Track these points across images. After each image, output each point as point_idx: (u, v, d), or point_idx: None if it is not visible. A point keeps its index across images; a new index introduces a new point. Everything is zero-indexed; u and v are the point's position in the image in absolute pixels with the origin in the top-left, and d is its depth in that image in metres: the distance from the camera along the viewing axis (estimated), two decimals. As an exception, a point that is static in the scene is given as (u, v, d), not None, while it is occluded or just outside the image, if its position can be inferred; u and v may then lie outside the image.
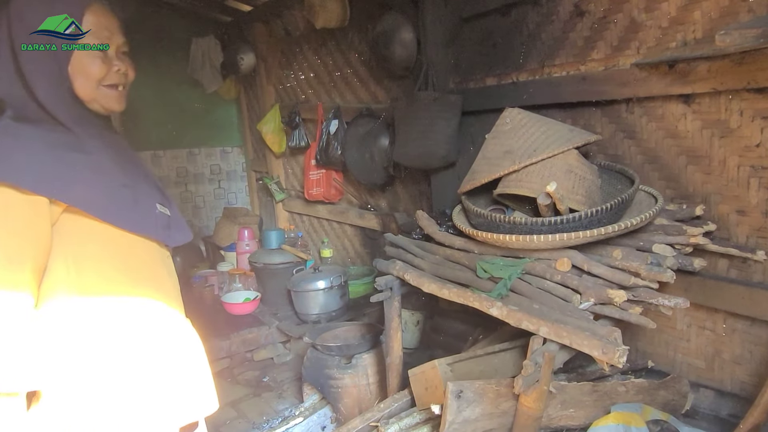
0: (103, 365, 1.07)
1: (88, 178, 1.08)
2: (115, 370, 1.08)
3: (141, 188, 1.19)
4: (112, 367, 1.08)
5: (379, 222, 3.39)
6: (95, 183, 1.09)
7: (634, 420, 1.61)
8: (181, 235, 1.27)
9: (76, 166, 1.06)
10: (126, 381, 1.09)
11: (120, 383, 1.09)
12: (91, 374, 1.06)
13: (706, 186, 1.82)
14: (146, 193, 1.20)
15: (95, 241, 1.09)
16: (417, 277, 1.94)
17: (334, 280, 3.10)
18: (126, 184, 1.15)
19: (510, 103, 2.11)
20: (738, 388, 1.84)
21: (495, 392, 1.60)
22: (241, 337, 3.21)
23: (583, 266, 1.67)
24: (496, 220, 1.75)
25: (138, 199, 1.16)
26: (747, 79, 1.60)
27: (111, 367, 1.08)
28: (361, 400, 2.35)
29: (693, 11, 1.74)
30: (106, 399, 1.07)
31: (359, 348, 2.43)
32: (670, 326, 2.00)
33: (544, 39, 2.21)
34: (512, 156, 1.83)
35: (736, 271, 1.79)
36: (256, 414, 2.74)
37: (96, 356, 1.07)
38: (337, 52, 3.55)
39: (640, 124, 1.96)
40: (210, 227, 4.92)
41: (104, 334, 1.09)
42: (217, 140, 5.02)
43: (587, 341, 1.43)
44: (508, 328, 1.99)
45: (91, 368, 1.06)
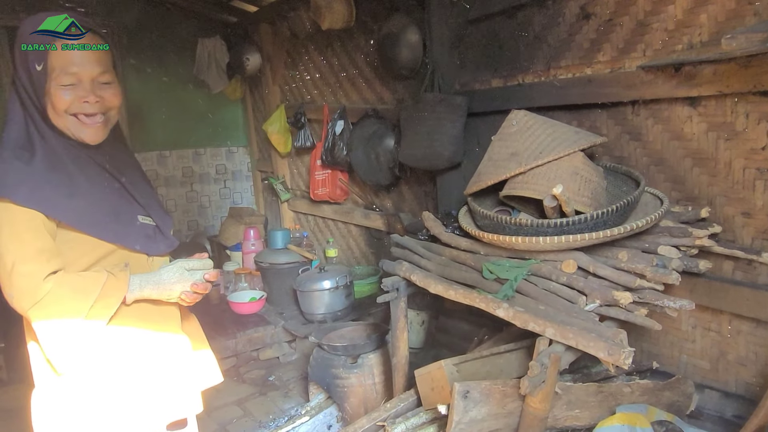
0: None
1: (70, 197, 1.23)
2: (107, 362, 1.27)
3: (121, 203, 1.34)
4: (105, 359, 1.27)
5: (384, 222, 3.40)
6: (76, 201, 1.23)
7: (639, 421, 1.61)
8: (164, 245, 1.40)
9: (59, 187, 1.22)
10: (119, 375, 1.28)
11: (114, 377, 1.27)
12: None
13: (711, 188, 1.82)
14: (127, 208, 1.35)
15: (80, 248, 1.25)
16: (423, 278, 1.95)
17: (339, 280, 3.11)
18: (104, 201, 1.29)
19: (516, 105, 2.13)
20: (743, 390, 1.85)
21: (501, 393, 1.62)
22: (247, 337, 3.23)
23: (589, 268, 1.67)
24: (502, 222, 1.76)
25: (118, 212, 1.32)
26: (753, 83, 1.61)
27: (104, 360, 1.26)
28: (367, 400, 2.37)
29: (699, 14, 1.74)
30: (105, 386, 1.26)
31: (365, 348, 2.45)
32: (675, 328, 2.00)
33: (550, 41, 2.22)
34: (518, 158, 1.84)
35: (742, 273, 1.79)
36: (262, 413, 2.76)
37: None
38: (343, 53, 3.57)
39: (646, 126, 1.96)
40: (215, 227, 4.94)
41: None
42: (222, 140, 5.04)
43: (593, 343, 1.44)
44: (513, 329, 1.99)
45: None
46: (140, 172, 1.51)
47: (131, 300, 1.27)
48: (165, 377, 1.34)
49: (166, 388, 1.34)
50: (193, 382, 1.42)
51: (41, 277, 1.15)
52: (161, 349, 1.36)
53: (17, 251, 1.14)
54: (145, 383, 1.31)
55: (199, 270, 1.32)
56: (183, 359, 1.40)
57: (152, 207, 1.43)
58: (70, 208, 1.23)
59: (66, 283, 1.18)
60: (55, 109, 1.23)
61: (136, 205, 1.38)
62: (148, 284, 1.28)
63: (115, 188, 1.35)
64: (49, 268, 1.16)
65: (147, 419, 1.31)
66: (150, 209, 1.41)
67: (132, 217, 1.35)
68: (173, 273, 1.29)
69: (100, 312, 1.20)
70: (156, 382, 1.33)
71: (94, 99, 1.25)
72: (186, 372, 1.40)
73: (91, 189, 1.28)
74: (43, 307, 1.16)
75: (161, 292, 1.29)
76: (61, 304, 1.17)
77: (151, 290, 1.28)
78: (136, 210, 1.37)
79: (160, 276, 1.29)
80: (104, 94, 1.27)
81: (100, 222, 1.27)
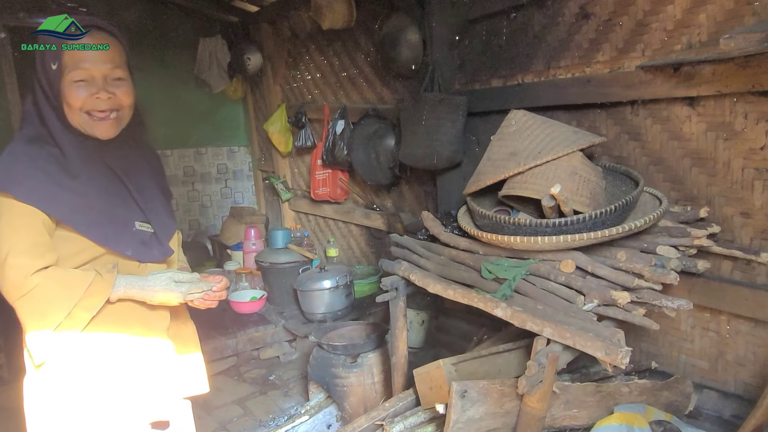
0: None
1: (69, 196, 1.26)
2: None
3: (121, 207, 1.35)
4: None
5: (384, 222, 3.41)
6: (74, 201, 1.26)
7: (637, 420, 1.62)
8: (158, 252, 1.42)
9: (61, 185, 1.25)
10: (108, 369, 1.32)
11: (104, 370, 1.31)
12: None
13: (710, 188, 1.82)
14: (125, 213, 1.37)
15: (76, 245, 1.28)
16: (422, 278, 1.96)
17: (339, 279, 3.12)
18: (102, 203, 1.31)
19: (515, 105, 2.13)
20: (741, 390, 1.85)
21: (499, 392, 1.62)
22: (248, 336, 3.24)
23: (587, 267, 1.68)
24: (501, 222, 1.76)
25: (115, 216, 1.34)
26: (752, 82, 1.61)
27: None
28: (367, 399, 2.38)
29: (698, 14, 1.74)
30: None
31: (365, 347, 2.45)
32: (673, 327, 2.00)
33: (550, 41, 2.22)
34: (517, 158, 1.84)
35: (740, 273, 1.79)
36: (262, 412, 2.77)
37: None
38: (344, 52, 3.57)
39: (645, 126, 1.96)
40: (217, 226, 4.95)
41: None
42: (223, 140, 5.05)
43: (591, 342, 1.44)
44: (512, 329, 2.00)
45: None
46: (156, 178, 1.52)
47: (115, 299, 1.29)
48: (145, 376, 1.36)
49: (145, 386, 1.36)
50: (175, 386, 1.44)
51: (31, 271, 1.18)
52: (143, 349, 1.37)
53: (12, 243, 1.18)
54: (125, 378, 1.33)
55: (186, 283, 1.34)
56: (164, 361, 1.41)
57: (156, 213, 1.44)
58: (66, 207, 1.25)
59: (54, 279, 1.20)
60: (70, 107, 1.27)
61: (137, 210, 1.40)
62: (133, 288, 1.31)
63: (118, 192, 1.37)
64: (41, 263, 1.20)
65: (126, 412, 1.33)
66: (152, 215, 1.42)
67: (128, 222, 1.37)
68: (159, 282, 1.33)
69: (83, 310, 1.23)
70: (136, 379, 1.35)
71: (106, 95, 1.28)
72: (167, 374, 1.41)
73: (92, 190, 1.30)
74: (29, 300, 1.19)
75: (144, 296, 1.32)
76: (46, 298, 1.20)
77: (135, 293, 1.31)
78: (135, 216, 1.39)
79: (146, 282, 1.32)
80: (116, 91, 1.31)
81: (93, 223, 1.29)
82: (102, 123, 1.30)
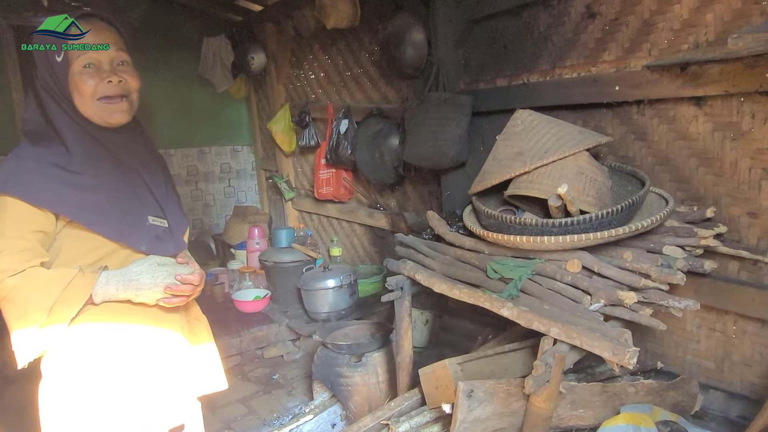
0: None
1: (78, 194, 1.26)
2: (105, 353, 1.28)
3: (134, 202, 1.34)
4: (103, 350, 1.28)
5: (388, 221, 3.41)
6: (83, 198, 1.26)
7: (643, 421, 1.61)
8: (172, 246, 1.40)
9: (69, 183, 1.25)
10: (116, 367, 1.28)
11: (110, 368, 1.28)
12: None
13: (717, 188, 1.82)
14: (138, 207, 1.35)
15: (87, 244, 1.28)
16: (428, 277, 1.95)
17: (343, 278, 3.12)
18: (114, 199, 1.30)
19: (520, 104, 2.12)
20: (748, 390, 1.84)
21: (505, 392, 1.62)
22: (252, 335, 3.24)
23: (594, 267, 1.67)
24: (507, 221, 1.76)
25: (127, 211, 1.32)
26: (759, 82, 1.60)
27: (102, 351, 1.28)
28: (371, 398, 2.37)
29: (705, 14, 1.74)
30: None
31: (369, 346, 2.45)
32: (680, 328, 2.00)
33: (555, 40, 2.22)
34: (523, 157, 1.84)
35: (747, 273, 1.79)
36: (266, 411, 2.77)
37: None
38: (348, 52, 3.57)
39: (652, 125, 1.96)
40: (220, 225, 4.96)
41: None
42: (227, 139, 5.05)
43: (598, 342, 1.44)
44: (517, 328, 2.00)
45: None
46: (163, 175, 1.51)
47: (100, 300, 1.25)
48: (162, 378, 1.33)
49: (163, 389, 1.33)
50: (192, 385, 1.42)
51: (9, 274, 1.17)
52: (159, 349, 1.35)
53: (1, 248, 1.18)
54: (142, 382, 1.30)
55: (168, 265, 1.29)
56: (181, 360, 1.39)
57: (170, 207, 1.44)
58: (75, 205, 1.24)
59: (31, 278, 1.19)
60: (82, 96, 1.27)
61: (152, 204, 1.39)
62: (114, 278, 1.25)
63: (130, 186, 1.36)
64: (21, 267, 1.18)
65: (144, 418, 1.29)
66: (167, 208, 1.42)
67: (141, 217, 1.36)
68: (142, 266, 1.27)
69: (64, 306, 1.20)
70: (153, 383, 1.32)
71: (117, 78, 1.29)
72: (184, 374, 1.39)
73: (102, 186, 1.30)
74: (10, 302, 1.19)
75: (127, 285, 1.25)
76: (25, 299, 1.18)
77: (117, 284, 1.25)
78: (149, 210, 1.38)
79: (129, 269, 1.27)
80: (125, 75, 1.31)
81: (105, 220, 1.28)
82: (115, 110, 1.31)
